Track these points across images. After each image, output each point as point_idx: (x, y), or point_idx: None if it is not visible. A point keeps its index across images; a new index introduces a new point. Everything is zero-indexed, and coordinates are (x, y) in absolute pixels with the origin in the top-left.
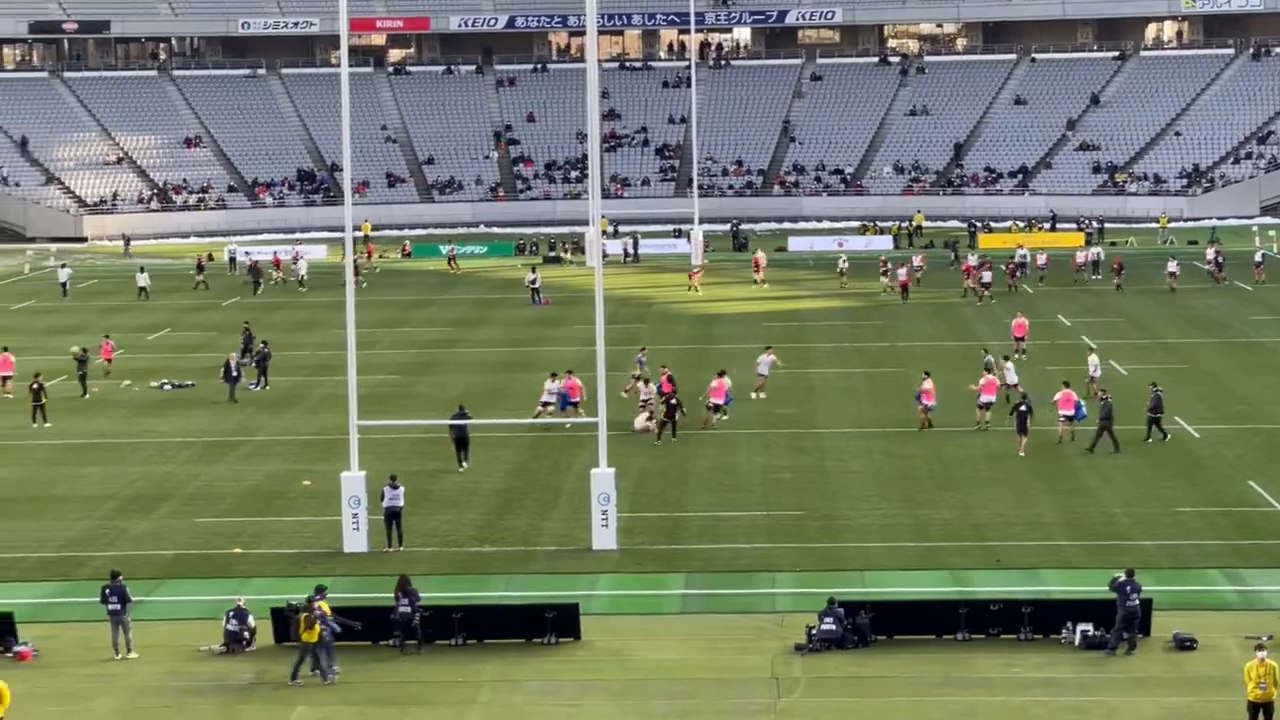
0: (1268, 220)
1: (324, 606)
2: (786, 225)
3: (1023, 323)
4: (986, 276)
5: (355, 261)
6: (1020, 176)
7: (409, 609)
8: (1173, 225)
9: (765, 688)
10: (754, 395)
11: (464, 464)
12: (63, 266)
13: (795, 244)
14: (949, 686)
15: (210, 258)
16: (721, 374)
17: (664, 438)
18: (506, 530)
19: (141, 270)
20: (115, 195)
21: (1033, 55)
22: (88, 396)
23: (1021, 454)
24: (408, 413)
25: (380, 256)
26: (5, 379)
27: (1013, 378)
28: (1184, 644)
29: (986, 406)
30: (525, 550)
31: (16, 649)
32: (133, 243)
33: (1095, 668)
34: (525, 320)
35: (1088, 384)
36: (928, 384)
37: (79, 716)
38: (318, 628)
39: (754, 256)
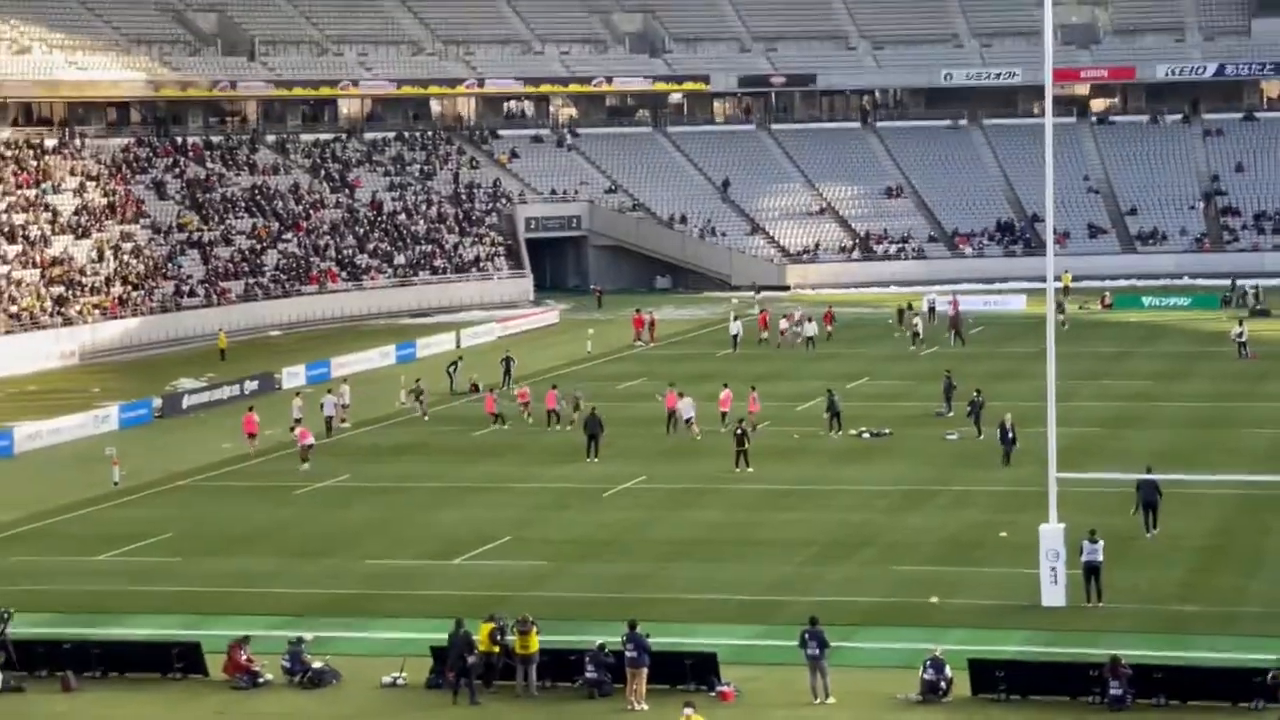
0: None
1: None
2: None
3: None
4: None
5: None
6: None
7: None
8: None
9: None
10: None
11: (1152, 529)
12: (735, 319)
13: None
14: None
15: (909, 307)
16: None
17: None
18: (1210, 589)
19: (810, 320)
20: (817, 245)
21: None
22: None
23: None
24: (1107, 466)
25: (1080, 308)
26: (724, 414)
27: None
28: None
29: None
30: (1229, 610)
31: (719, 688)
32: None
33: None
34: (1230, 375)
35: None
36: None
37: None
38: None
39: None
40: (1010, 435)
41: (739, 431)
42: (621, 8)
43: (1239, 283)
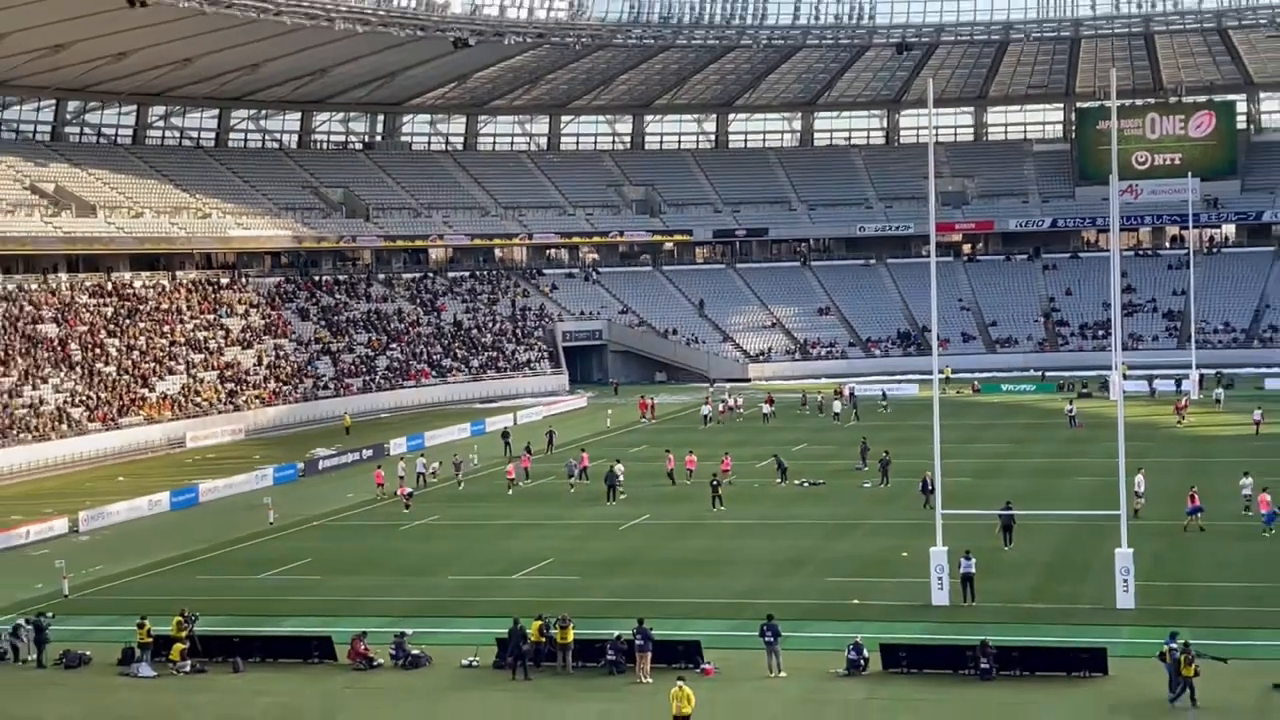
0: None
1: None
2: (1263, 370)
3: None
4: None
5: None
6: None
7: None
8: None
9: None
10: None
11: (1009, 545)
12: (705, 404)
13: (1271, 383)
14: None
15: (836, 394)
16: (1264, 490)
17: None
18: (1052, 592)
19: (769, 402)
20: (769, 349)
21: None
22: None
23: None
24: (978, 505)
25: (957, 393)
26: (690, 471)
27: None
28: None
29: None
30: (1067, 607)
31: (704, 666)
32: (771, 380)
33: None
34: (1064, 440)
35: None
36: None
37: (750, 716)
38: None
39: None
40: (929, 487)
41: (715, 483)
42: (630, 182)
43: (1101, 372)
